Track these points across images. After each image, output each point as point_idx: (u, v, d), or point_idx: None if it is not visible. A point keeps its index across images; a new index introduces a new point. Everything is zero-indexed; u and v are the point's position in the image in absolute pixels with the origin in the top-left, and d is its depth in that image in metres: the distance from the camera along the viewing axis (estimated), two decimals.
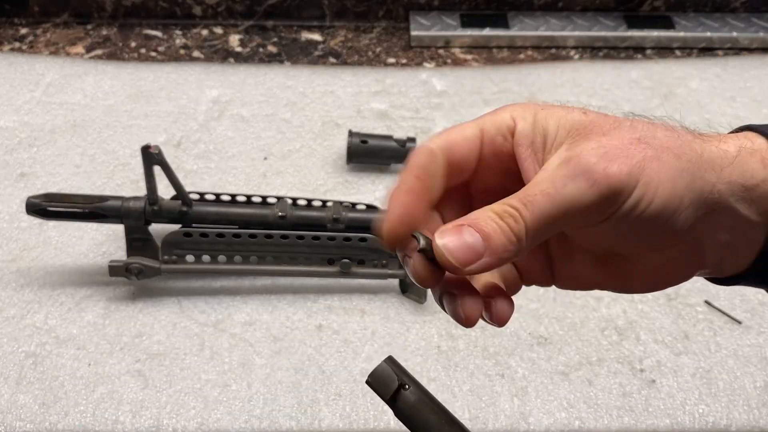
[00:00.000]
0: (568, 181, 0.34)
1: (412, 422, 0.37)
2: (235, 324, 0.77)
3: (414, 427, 0.37)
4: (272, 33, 1.18)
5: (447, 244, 0.34)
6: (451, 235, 0.34)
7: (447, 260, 0.34)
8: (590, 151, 0.34)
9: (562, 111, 0.37)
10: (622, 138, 0.35)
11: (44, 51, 1.13)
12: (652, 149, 0.35)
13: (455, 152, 0.37)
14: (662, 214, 0.35)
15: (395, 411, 0.38)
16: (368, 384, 0.38)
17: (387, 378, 0.37)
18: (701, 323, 0.79)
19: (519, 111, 0.38)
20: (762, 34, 1.14)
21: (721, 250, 0.39)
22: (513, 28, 1.15)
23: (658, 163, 0.35)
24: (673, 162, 0.35)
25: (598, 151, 0.34)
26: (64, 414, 0.70)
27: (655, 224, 0.36)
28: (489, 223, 0.34)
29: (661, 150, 0.35)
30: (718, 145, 0.37)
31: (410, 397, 0.37)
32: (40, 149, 0.96)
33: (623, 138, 0.35)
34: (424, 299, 0.79)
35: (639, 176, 0.34)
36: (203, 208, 0.78)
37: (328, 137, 0.98)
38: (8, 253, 0.83)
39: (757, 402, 0.72)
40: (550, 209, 0.34)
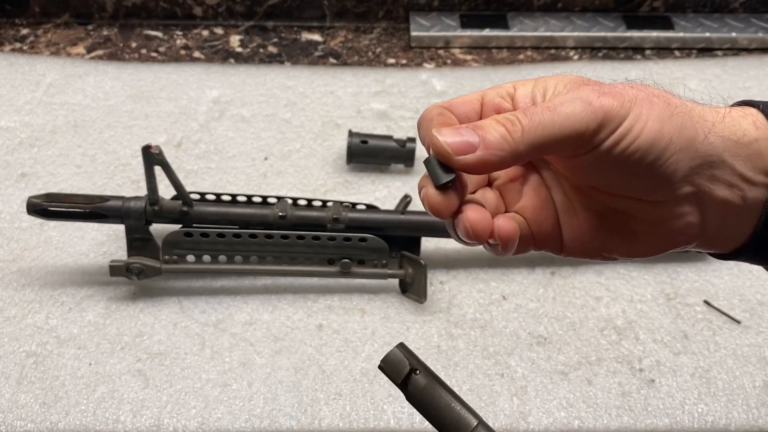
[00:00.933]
0: (566, 101, 0.37)
1: (423, 405, 0.39)
2: (236, 324, 0.77)
3: (424, 410, 0.39)
4: (272, 33, 1.18)
5: (445, 137, 0.37)
6: (450, 130, 0.37)
7: (442, 148, 0.37)
8: (588, 89, 0.38)
9: (561, 75, 0.41)
10: (618, 86, 0.38)
11: (45, 51, 1.14)
12: (644, 93, 0.38)
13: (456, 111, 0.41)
14: (651, 149, 0.37)
15: (406, 395, 0.39)
16: (381, 369, 0.39)
17: (399, 363, 0.39)
18: (700, 323, 0.79)
19: (520, 82, 0.41)
20: (761, 34, 1.14)
21: (722, 210, 0.40)
22: (512, 28, 1.15)
23: (649, 105, 0.38)
24: (664, 107, 0.38)
25: (594, 89, 0.38)
26: (65, 413, 0.70)
27: (646, 161, 0.37)
28: (487, 122, 0.37)
29: (653, 95, 0.38)
30: (709, 107, 0.40)
31: (421, 381, 0.38)
32: (41, 149, 0.96)
33: (619, 85, 0.39)
34: (424, 299, 0.79)
35: (630, 109, 0.37)
36: (204, 208, 0.78)
37: (328, 137, 0.99)
38: (9, 252, 0.83)
39: (756, 401, 0.72)
40: (548, 121, 0.37)
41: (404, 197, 0.84)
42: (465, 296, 0.80)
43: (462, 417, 0.38)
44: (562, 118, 0.37)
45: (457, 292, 0.81)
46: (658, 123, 0.37)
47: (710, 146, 0.38)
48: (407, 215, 0.80)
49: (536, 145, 0.37)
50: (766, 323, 0.79)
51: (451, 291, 0.81)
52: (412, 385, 0.39)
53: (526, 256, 0.83)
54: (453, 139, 0.37)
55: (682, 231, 0.41)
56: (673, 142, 0.37)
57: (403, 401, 0.71)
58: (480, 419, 0.39)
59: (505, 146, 0.37)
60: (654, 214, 0.40)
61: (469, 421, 0.38)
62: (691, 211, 0.40)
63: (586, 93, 0.37)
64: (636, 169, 0.38)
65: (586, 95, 0.37)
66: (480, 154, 0.37)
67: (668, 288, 0.82)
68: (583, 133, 0.37)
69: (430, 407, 0.38)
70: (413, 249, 0.80)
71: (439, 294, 0.81)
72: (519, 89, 0.41)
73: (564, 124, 0.37)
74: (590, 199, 0.42)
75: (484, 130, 0.37)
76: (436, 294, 0.81)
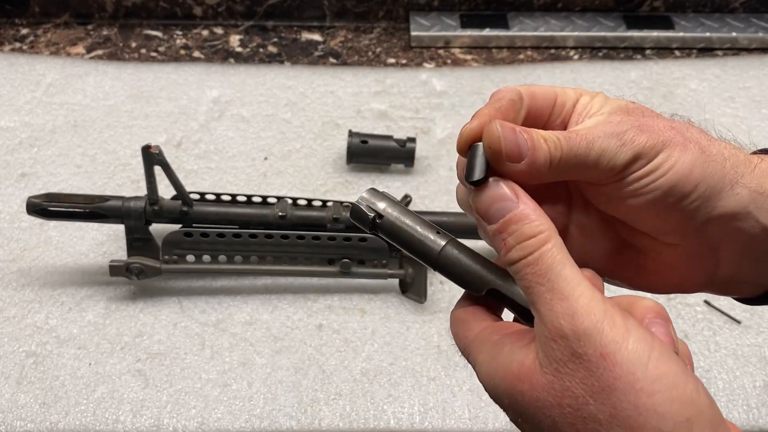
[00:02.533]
0: (603, 136, 0.38)
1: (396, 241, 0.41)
2: (236, 323, 0.77)
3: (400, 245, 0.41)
4: (272, 33, 1.18)
5: (503, 131, 0.37)
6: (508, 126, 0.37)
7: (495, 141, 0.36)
8: (626, 121, 0.38)
9: (615, 100, 0.41)
10: (659, 124, 0.39)
11: (45, 51, 1.14)
12: (681, 137, 0.38)
13: (536, 102, 0.41)
14: (675, 190, 0.38)
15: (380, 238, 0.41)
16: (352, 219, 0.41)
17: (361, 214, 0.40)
18: (701, 323, 0.79)
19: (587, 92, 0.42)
20: (761, 34, 1.14)
21: (739, 260, 0.41)
22: (513, 28, 1.15)
23: (682, 149, 0.38)
24: (697, 153, 0.38)
25: (633, 123, 0.38)
26: (65, 413, 0.70)
27: (668, 201, 0.38)
28: (538, 139, 0.37)
29: (689, 140, 0.38)
30: (746, 155, 0.40)
31: (385, 224, 0.40)
32: (40, 149, 0.96)
33: (659, 123, 0.39)
34: (424, 299, 0.79)
35: (660, 150, 0.38)
36: (204, 208, 0.78)
37: (328, 137, 0.99)
38: (9, 252, 0.83)
39: (756, 401, 0.72)
40: (583, 151, 0.38)
41: (404, 197, 0.84)
42: None
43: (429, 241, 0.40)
44: (597, 151, 0.37)
45: (457, 291, 0.80)
46: (687, 166, 0.38)
47: (736, 197, 0.39)
48: None
49: (569, 170, 0.38)
50: (766, 323, 0.79)
51: (451, 291, 0.81)
52: (380, 230, 0.40)
53: None
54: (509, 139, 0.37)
55: (692, 274, 0.42)
56: (698, 188, 0.38)
57: (403, 401, 0.71)
58: (451, 238, 0.40)
59: (544, 166, 0.37)
60: (668, 255, 0.41)
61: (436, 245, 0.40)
62: (705, 256, 0.41)
63: (622, 128, 0.38)
64: (657, 207, 0.38)
65: (622, 132, 0.38)
66: (524, 167, 0.37)
67: None
68: (612, 166, 0.38)
69: (401, 242, 0.40)
70: None
71: (439, 294, 0.81)
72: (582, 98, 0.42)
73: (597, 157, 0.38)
74: (609, 228, 0.42)
75: (535, 145, 0.37)
76: (436, 294, 0.80)
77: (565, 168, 0.38)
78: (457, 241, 0.40)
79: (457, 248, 0.40)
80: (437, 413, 0.71)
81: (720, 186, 0.38)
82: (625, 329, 0.32)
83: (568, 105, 0.42)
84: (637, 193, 0.38)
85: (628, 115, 0.39)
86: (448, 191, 0.91)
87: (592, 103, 0.41)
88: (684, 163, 0.38)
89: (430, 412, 0.71)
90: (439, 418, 0.70)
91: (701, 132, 0.40)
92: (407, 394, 0.72)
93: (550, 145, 0.37)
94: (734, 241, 0.40)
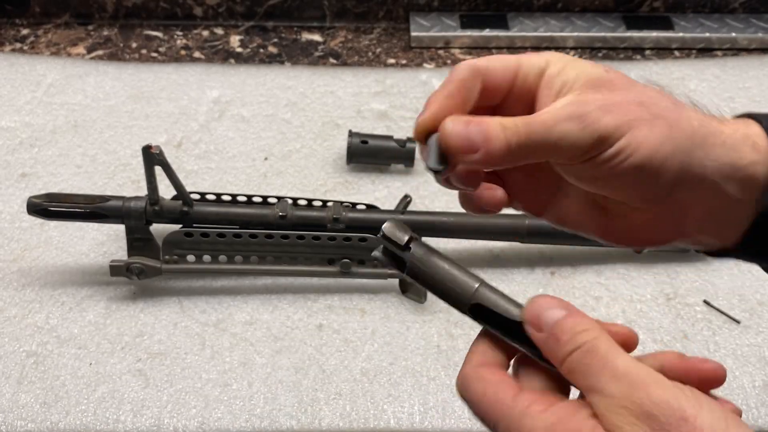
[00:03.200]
0: (564, 119, 0.38)
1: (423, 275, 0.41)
2: (236, 323, 0.78)
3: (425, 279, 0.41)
4: (273, 34, 1.19)
5: (454, 125, 0.38)
6: (460, 121, 0.38)
7: (446, 138, 0.38)
8: (592, 100, 0.39)
9: (589, 65, 0.41)
10: (627, 97, 0.39)
11: (45, 51, 1.14)
12: (648, 114, 0.39)
13: (492, 76, 0.41)
14: (640, 170, 0.39)
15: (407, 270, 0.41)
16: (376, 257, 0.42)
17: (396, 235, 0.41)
18: (700, 323, 0.79)
19: (554, 57, 0.42)
20: (761, 34, 1.14)
21: (704, 222, 0.42)
22: (512, 28, 1.15)
23: (649, 127, 0.39)
24: (664, 130, 0.39)
25: (598, 102, 0.39)
26: (66, 413, 0.70)
27: (636, 178, 0.39)
28: (495, 128, 0.38)
29: (656, 117, 0.39)
30: (718, 124, 0.41)
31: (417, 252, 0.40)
32: (41, 149, 0.96)
33: (628, 97, 0.39)
34: (424, 299, 0.79)
35: (626, 131, 0.38)
36: (204, 208, 0.78)
37: (328, 137, 0.99)
38: (9, 252, 0.84)
39: (756, 401, 0.72)
40: (544, 137, 0.38)
41: (404, 197, 0.84)
42: None
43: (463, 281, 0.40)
44: (557, 136, 0.38)
45: None
46: (654, 146, 0.39)
47: (704, 170, 0.40)
48: (407, 215, 0.80)
49: (530, 155, 0.39)
50: (765, 323, 0.79)
51: None
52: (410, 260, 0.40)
53: (526, 256, 0.84)
54: (460, 136, 0.38)
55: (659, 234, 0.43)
56: (665, 165, 0.39)
57: (403, 401, 0.71)
58: (482, 281, 0.40)
59: (502, 154, 0.38)
60: (636, 217, 0.42)
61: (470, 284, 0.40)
62: (672, 220, 0.42)
63: (586, 109, 0.38)
64: (625, 183, 0.40)
65: (585, 113, 0.38)
66: (479, 158, 0.38)
67: (668, 288, 0.82)
68: (575, 150, 0.39)
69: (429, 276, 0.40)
70: None
71: None
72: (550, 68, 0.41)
73: (558, 142, 0.38)
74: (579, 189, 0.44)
75: (490, 136, 0.38)
76: None
77: (525, 153, 0.39)
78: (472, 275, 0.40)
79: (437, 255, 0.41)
80: (437, 413, 0.71)
81: (688, 161, 0.39)
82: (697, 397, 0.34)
83: (531, 76, 0.42)
84: (603, 173, 0.39)
85: (596, 92, 0.39)
86: (448, 191, 0.90)
87: (561, 77, 0.41)
88: (651, 142, 0.38)
89: (430, 412, 0.71)
90: (439, 418, 0.70)
91: (672, 103, 0.40)
92: (407, 394, 0.72)
93: (508, 133, 0.38)
94: (701, 209, 0.42)
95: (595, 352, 0.36)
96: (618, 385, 0.34)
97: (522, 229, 0.80)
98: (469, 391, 0.38)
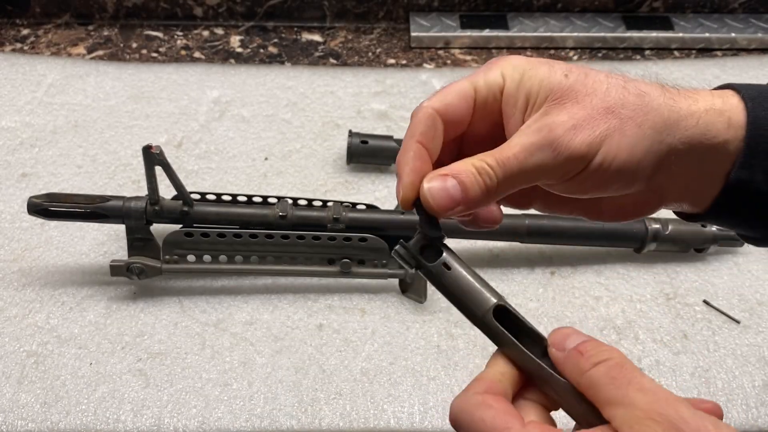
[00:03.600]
0: (536, 150, 0.39)
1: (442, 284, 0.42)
2: (236, 323, 0.78)
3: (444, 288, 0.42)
4: (273, 34, 1.19)
5: (432, 190, 0.40)
6: (437, 180, 0.40)
7: (428, 203, 0.40)
8: (560, 124, 0.39)
9: (547, 71, 0.41)
10: (593, 107, 0.40)
11: (46, 52, 1.14)
12: (617, 119, 0.40)
13: (451, 113, 0.42)
14: (621, 174, 0.41)
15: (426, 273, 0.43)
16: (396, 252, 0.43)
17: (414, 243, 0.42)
18: (700, 323, 0.79)
19: (509, 69, 0.42)
20: (760, 34, 1.15)
21: (682, 194, 0.44)
22: (512, 29, 1.16)
23: (620, 135, 0.40)
24: (635, 132, 0.40)
25: (566, 124, 0.39)
26: (66, 413, 0.70)
27: (615, 181, 0.41)
28: (469, 177, 0.39)
29: (626, 120, 0.40)
30: (689, 106, 0.42)
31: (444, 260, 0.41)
32: (41, 150, 0.96)
33: (594, 107, 0.40)
34: (424, 299, 0.79)
35: (599, 146, 0.39)
36: (204, 208, 0.78)
37: (328, 137, 0.99)
38: (10, 252, 0.84)
39: (755, 401, 0.72)
40: (519, 172, 0.40)
41: None
42: None
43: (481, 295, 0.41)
44: (534, 167, 0.40)
45: None
46: (628, 151, 0.40)
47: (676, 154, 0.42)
48: (407, 215, 0.80)
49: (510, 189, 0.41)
50: (765, 323, 0.79)
51: None
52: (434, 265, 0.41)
53: (526, 256, 0.84)
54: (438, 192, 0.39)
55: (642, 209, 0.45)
56: (641, 163, 0.41)
57: (403, 401, 0.71)
58: (500, 297, 0.41)
59: (483, 200, 0.40)
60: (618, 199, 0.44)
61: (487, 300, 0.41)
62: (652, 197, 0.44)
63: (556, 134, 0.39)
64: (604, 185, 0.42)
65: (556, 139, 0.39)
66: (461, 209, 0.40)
67: (668, 288, 0.82)
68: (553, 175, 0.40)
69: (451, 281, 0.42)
70: None
71: (439, 294, 0.80)
72: (507, 83, 0.42)
73: (536, 172, 0.40)
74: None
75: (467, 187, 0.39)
76: (436, 294, 0.80)
77: (505, 188, 0.40)
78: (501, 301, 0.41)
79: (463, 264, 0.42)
80: (437, 413, 0.71)
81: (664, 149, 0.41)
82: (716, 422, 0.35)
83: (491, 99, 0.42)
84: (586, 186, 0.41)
85: (561, 108, 0.40)
86: None
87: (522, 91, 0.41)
88: (624, 148, 0.40)
89: (430, 412, 0.71)
90: (439, 418, 0.70)
91: (637, 96, 0.41)
92: (407, 394, 0.72)
93: (484, 176, 0.39)
94: (677, 186, 0.43)
95: (622, 367, 0.36)
96: (646, 397, 0.35)
97: (522, 229, 0.80)
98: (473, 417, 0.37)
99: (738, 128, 0.41)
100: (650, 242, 0.82)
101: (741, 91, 0.42)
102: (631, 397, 0.35)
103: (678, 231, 0.82)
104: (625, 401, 0.35)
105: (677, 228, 0.82)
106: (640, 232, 0.82)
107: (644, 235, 0.82)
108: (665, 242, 0.82)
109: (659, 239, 0.82)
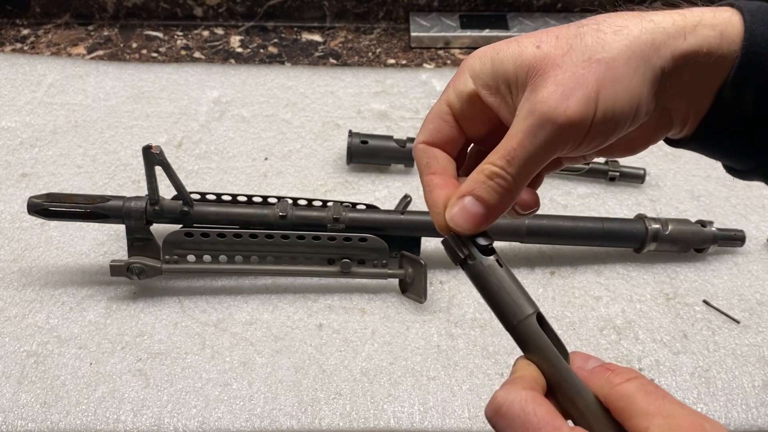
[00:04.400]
0: (537, 130, 0.38)
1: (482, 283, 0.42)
2: (236, 323, 0.78)
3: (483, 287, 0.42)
4: (273, 34, 1.19)
5: (454, 218, 0.40)
6: (456, 206, 0.40)
7: (458, 230, 0.41)
8: (549, 96, 0.38)
9: (516, 48, 0.40)
10: (575, 64, 0.39)
11: (46, 52, 1.14)
12: (602, 65, 0.38)
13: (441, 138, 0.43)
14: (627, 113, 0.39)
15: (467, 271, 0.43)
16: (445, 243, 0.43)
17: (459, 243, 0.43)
18: (700, 322, 0.79)
19: (477, 65, 0.42)
20: None
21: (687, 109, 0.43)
22: (512, 29, 1.16)
23: (612, 79, 0.38)
24: (624, 70, 0.39)
25: (555, 94, 0.38)
26: (66, 413, 0.70)
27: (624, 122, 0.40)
28: (483, 188, 0.40)
29: (611, 62, 0.39)
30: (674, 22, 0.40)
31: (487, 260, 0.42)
32: (41, 150, 0.96)
33: (575, 63, 0.39)
34: (424, 299, 0.79)
35: (596, 100, 0.38)
36: (204, 208, 0.78)
37: (328, 138, 0.99)
38: (10, 252, 0.84)
39: (755, 401, 0.72)
40: (529, 158, 0.39)
41: (404, 197, 0.85)
42: (465, 296, 0.80)
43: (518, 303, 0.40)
44: (541, 148, 0.39)
45: (457, 291, 0.81)
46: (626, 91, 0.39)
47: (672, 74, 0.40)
48: (407, 215, 0.80)
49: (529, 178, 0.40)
50: (765, 323, 0.79)
51: (450, 291, 0.81)
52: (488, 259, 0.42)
53: (526, 256, 0.84)
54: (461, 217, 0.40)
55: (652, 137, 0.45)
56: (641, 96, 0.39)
57: (403, 400, 0.71)
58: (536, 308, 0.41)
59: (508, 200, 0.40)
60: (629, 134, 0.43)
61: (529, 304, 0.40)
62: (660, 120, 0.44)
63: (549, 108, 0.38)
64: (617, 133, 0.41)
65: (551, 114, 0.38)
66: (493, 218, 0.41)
67: (667, 288, 0.82)
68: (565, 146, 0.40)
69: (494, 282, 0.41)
70: (413, 249, 0.80)
71: (439, 294, 0.81)
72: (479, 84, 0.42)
73: (545, 152, 0.39)
74: None
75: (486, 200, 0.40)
76: (436, 294, 0.81)
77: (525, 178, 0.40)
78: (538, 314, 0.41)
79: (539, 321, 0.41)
80: (437, 412, 0.71)
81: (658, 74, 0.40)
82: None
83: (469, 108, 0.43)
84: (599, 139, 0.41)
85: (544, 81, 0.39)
86: None
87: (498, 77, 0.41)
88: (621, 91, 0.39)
89: (430, 412, 0.71)
90: (439, 418, 0.70)
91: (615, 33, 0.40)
92: (407, 394, 0.72)
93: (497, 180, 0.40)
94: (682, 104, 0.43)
95: (654, 384, 0.37)
96: (684, 410, 0.36)
97: (522, 229, 0.80)
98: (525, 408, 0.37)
99: (732, 43, 0.40)
100: (650, 242, 0.82)
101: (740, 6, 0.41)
102: (669, 409, 0.36)
103: (678, 231, 0.82)
104: (663, 412, 0.35)
105: (677, 228, 0.82)
106: (640, 233, 0.82)
107: (644, 235, 0.82)
108: (665, 242, 0.82)
109: (659, 239, 0.82)
